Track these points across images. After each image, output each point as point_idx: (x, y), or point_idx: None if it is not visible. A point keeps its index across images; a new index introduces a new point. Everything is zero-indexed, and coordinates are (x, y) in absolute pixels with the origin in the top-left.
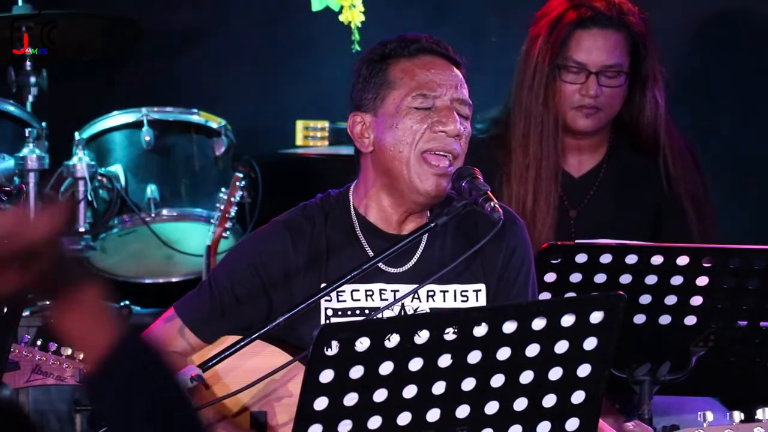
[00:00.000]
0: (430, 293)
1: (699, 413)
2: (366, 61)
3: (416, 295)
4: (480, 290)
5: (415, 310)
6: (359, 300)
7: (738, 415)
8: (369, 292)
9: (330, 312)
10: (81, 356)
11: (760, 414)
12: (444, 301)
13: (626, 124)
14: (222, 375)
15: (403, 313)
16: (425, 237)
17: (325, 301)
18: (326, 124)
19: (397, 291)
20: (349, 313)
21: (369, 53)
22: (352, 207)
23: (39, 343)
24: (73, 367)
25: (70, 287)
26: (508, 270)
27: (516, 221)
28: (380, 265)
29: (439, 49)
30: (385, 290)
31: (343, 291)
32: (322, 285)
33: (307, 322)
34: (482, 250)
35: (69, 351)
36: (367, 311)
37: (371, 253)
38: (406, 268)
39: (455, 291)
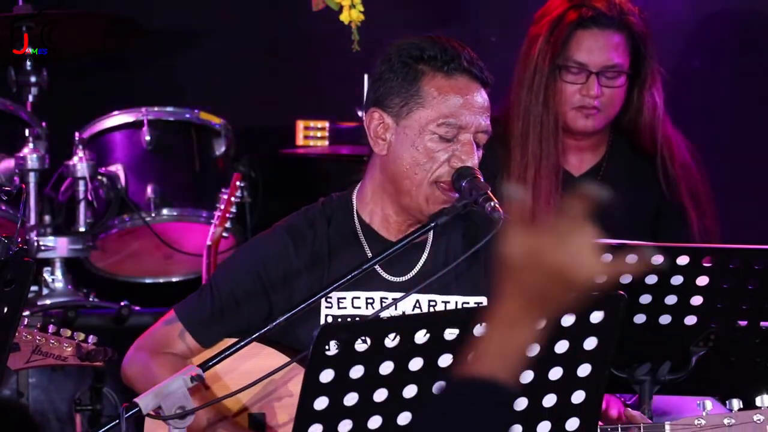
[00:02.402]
0: (432, 303)
1: (698, 402)
2: (401, 59)
3: (417, 305)
4: (482, 303)
5: None
6: (360, 308)
7: (737, 403)
8: (370, 300)
9: (330, 319)
10: (82, 336)
11: (759, 401)
12: None
13: (625, 124)
14: (221, 376)
15: None
16: (429, 246)
17: (326, 307)
18: (326, 124)
19: (397, 299)
20: (348, 320)
21: (404, 51)
22: (354, 211)
23: (39, 324)
24: (73, 346)
25: None
26: None
27: None
28: (383, 273)
29: (475, 71)
30: (387, 299)
31: (344, 298)
32: None
33: (305, 325)
34: (487, 264)
35: (68, 332)
36: None
37: None
38: (409, 277)
39: (457, 302)
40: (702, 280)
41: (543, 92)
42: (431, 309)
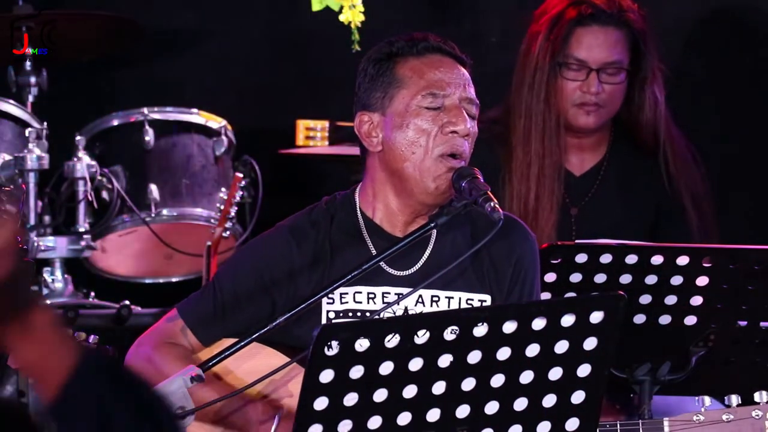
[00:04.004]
0: (435, 298)
1: (696, 398)
2: (372, 59)
3: (420, 300)
4: (485, 301)
5: None
6: (361, 302)
7: (735, 399)
8: (371, 295)
9: (332, 314)
10: (83, 336)
11: (757, 397)
12: (449, 307)
13: (626, 122)
14: (221, 376)
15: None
16: (433, 241)
17: (327, 303)
18: (326, 124)
19: (401, 294)
20: (350, 315)
21: (375, 52)
22: (358, 209)
23: None
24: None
25: (22, 312)
26: (516, 287)
27: (528, 237)
28: (386, 267)
29: (446, 48)
30: (389, 293)
31: (347, 293)
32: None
33: (306, 323)
34: (492, 263)
35: (70, 332)
36: (368, 314)
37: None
38: (413, 272)
39: (460, 298)
40: (702, 280)
41: (544, 90)
42: (434, 304)
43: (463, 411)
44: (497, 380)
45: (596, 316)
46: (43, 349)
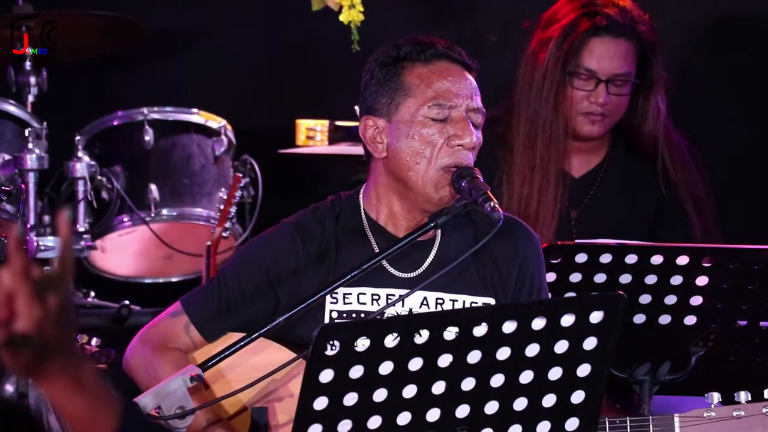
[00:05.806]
0: (439, 301)
1: (706, 395)
2: (379, 62)
3: (425, 302)
4: (489, 302)
5: None
6: (365, 303)
7: (745, 395)
8: (375, 296)
9: (335, 314)
10: (85, 338)
11: (767, 393)
12: None
13: (627, 130)
14: (225, 372)
15: None
16: (438, 243)
17: (331, 302)
18: (326, 124)
19: (402, 295)
20: (354, 315)
21: (382, 55)
22: (362, 210)
23: None
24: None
25: (75, 365)
26: (524, 290)
27: (531, 239)
28: (390, 269)
29: (453, 55)
30: (393, 295)
31: (350, 293)
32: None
33: (310, 322)
34: (496, 265)
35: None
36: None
37: None
38: (417, 274)
39: (464, 301)
40: (702, 280)
41: (553, 98)
42: (439, 307)
43: (462, 411)
44: (497, 380)
45: (596, 316)
46: (92, 402)
